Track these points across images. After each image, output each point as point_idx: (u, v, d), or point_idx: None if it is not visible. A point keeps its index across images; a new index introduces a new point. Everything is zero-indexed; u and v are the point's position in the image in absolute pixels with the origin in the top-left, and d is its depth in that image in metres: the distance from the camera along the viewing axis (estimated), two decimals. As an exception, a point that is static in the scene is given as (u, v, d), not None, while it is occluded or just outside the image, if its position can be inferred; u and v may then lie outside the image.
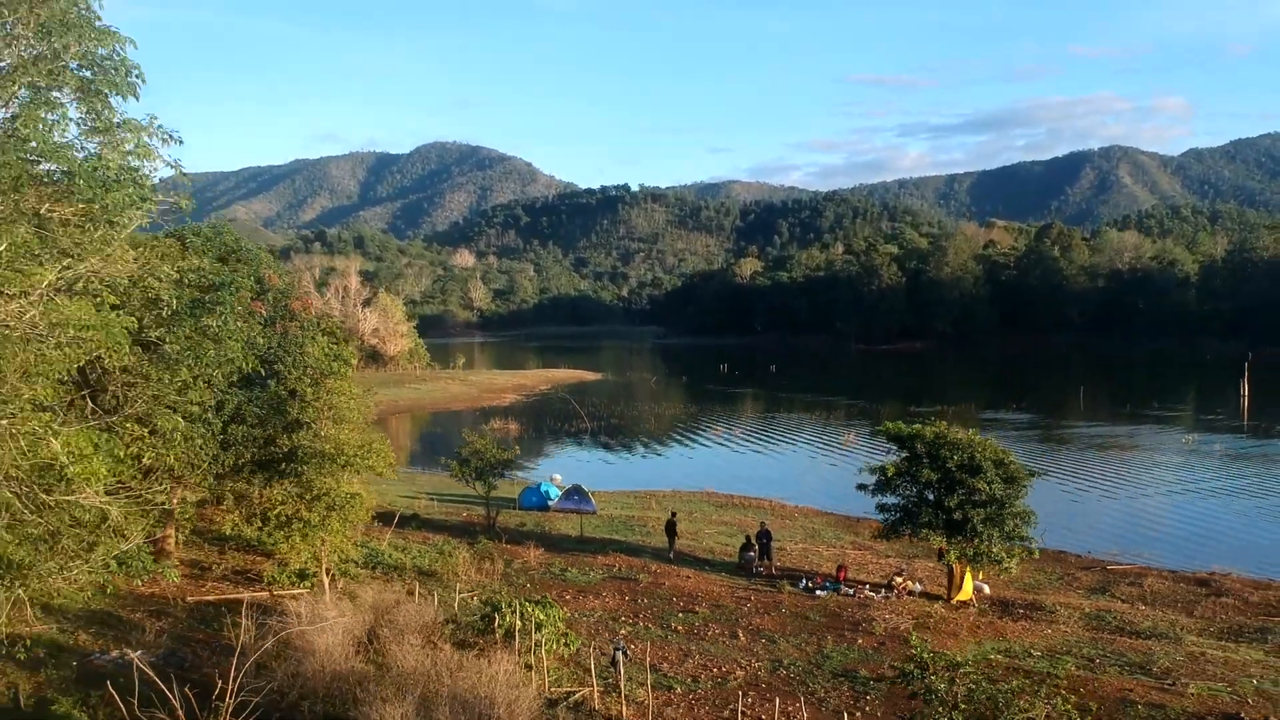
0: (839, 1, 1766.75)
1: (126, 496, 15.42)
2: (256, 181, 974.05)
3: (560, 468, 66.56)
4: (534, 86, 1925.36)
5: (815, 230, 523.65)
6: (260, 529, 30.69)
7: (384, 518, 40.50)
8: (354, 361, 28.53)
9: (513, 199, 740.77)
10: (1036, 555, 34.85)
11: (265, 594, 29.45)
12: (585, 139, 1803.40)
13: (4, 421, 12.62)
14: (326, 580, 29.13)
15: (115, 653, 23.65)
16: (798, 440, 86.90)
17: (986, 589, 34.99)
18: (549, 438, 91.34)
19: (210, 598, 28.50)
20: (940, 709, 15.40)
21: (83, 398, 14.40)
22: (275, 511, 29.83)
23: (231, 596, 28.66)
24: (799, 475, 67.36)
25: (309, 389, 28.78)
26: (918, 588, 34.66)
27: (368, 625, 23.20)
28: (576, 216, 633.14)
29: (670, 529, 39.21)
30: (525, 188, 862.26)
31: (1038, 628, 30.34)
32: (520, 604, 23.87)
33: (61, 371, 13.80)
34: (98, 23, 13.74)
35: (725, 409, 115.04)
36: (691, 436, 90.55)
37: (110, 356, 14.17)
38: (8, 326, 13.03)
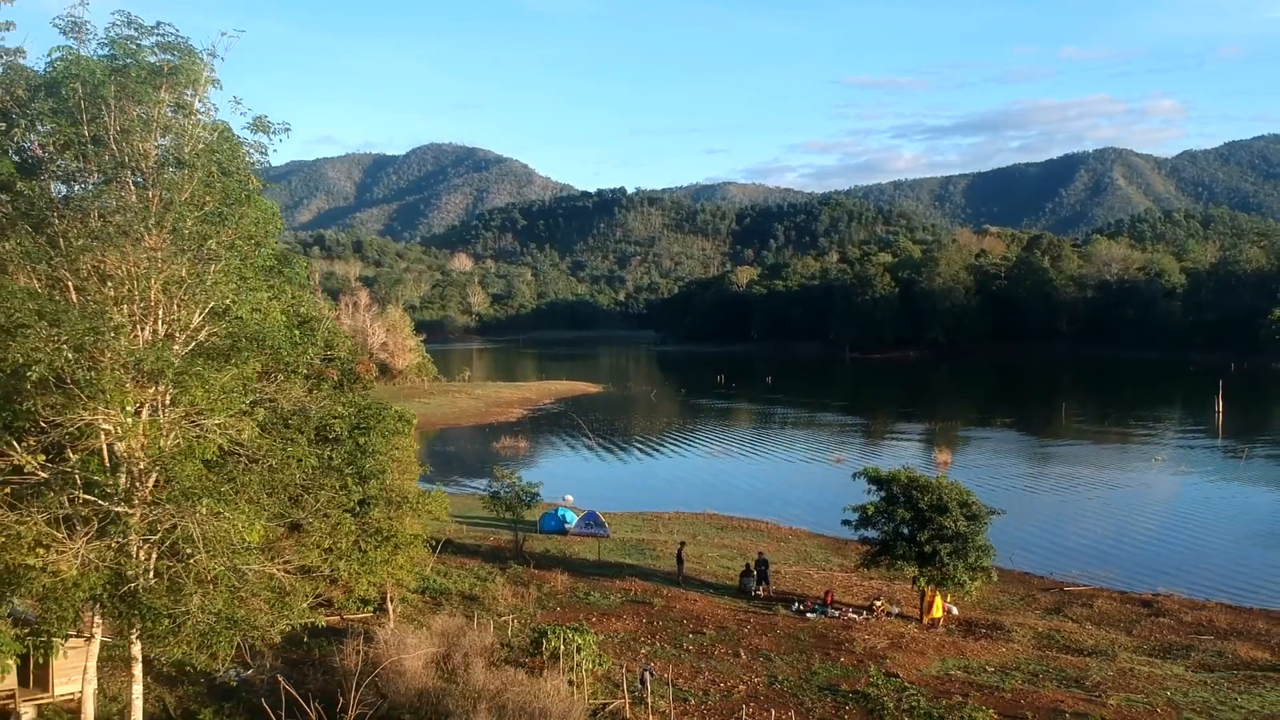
0: (834, 4, 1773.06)
1: (290, 564, 20.59)
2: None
3: (570, 487, 71.35)
4: (530, 88, 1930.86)
5: (811, 234, 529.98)
6: (324, 559, 35.64)
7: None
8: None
9: (509, 201, 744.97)
10: (995, 580, 40.08)
11: (337, 618, 34.59)
12: (581, 140, 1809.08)
13: (204, 511, 17.73)
14: (391, 607, 34.36)
15: (232, 671, 28.82)
16: (792, 458, 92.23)
17: (955, 610, 40.25)
18: (557, 455, 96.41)
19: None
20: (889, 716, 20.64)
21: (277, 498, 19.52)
22: (340, 545, 34.92)
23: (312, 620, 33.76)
24: (793, 495, 72.48)
25: (380, 445, 33.76)
26: (895, 610, 39.96)
27: (441, 649, 28.45)
28: (573, 219, 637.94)
29: (679, 557, 44.55)
30: (521, 189, 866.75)
31: (995, 646, 35.59)
32: (563, 630, 29.12)
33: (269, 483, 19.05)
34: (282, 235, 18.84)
35: (721, 424, 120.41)
36: (691, 452, 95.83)
37: (297, 472, 19.45)
38: (241, 456, 18.32)
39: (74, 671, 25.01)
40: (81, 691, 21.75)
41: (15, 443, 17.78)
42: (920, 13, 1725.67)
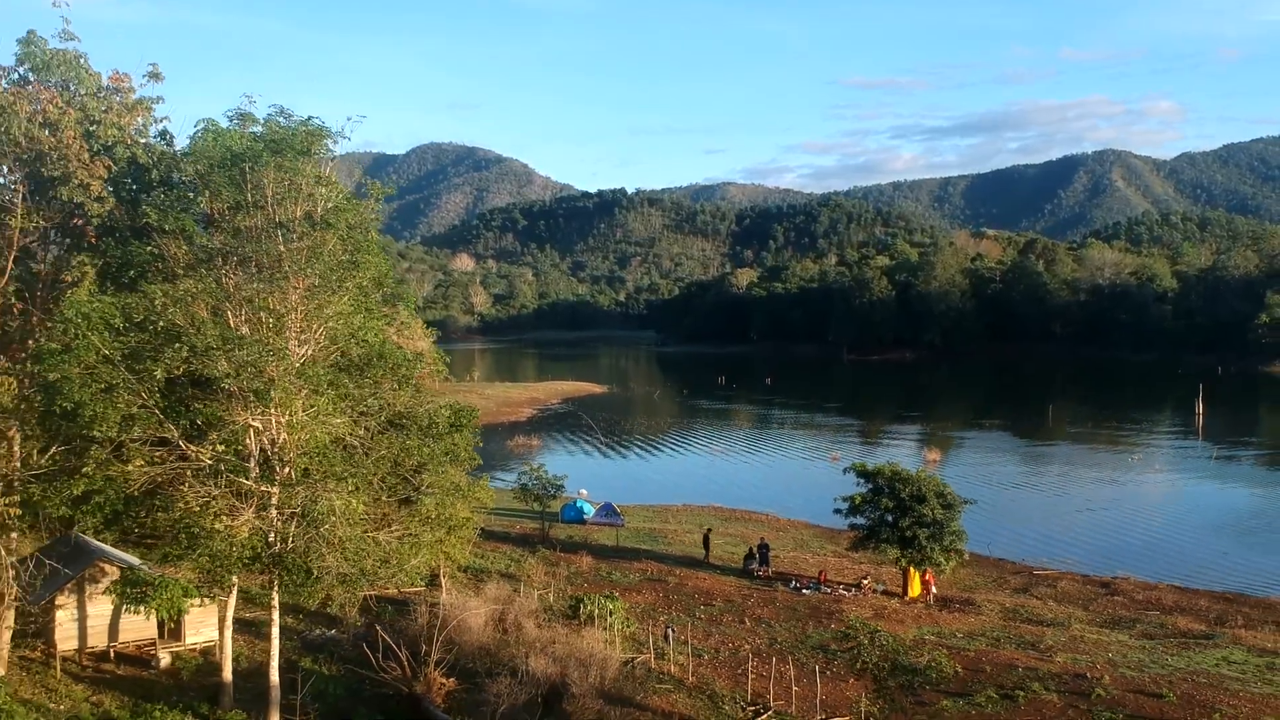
0: (832, 4, 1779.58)
1: (395, 532, 25.90)
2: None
3: (582, 482, 76.27)
4: (529, 87, 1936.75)
5: (810, 235, 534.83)
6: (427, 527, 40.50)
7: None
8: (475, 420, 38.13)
9: (510, 201, 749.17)
10: (967, 560, 45.56)
11: (394, 591, 39.97)
12: (581, 140, 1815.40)
13: (349, 489, 23.06)
14: (443, 581, 39.73)
15: (318, 631, 34.23)
16: (791, 456, 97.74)
17: (934, 589, 45.61)
18: (568, 453, 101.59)
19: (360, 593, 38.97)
20: (865, 653, 26.10)
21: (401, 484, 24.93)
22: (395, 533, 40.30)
23: (376, 593, 39.15)
24: (791, 490, 77.75)
25: (469, 439, 38.83)
26: (880, 587, 45.42)
27: (497, 611, 33.85)
28: (573, 220, 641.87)
29: (706, 541, 50.79)
30: (521, 189, 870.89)
31: (966, 618, 40.99)
32: (597, 597, 34.53)
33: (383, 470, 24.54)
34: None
35: (723, 424, 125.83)
36: (694, 451, 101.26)
37: (410, 460, 24.90)
38: (366, 448, 23.72)
39: (201, 625, 30.54)
40: (219, 637, 27.14)
41: (178, 434, 23.23)
42: (918, 13, 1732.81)
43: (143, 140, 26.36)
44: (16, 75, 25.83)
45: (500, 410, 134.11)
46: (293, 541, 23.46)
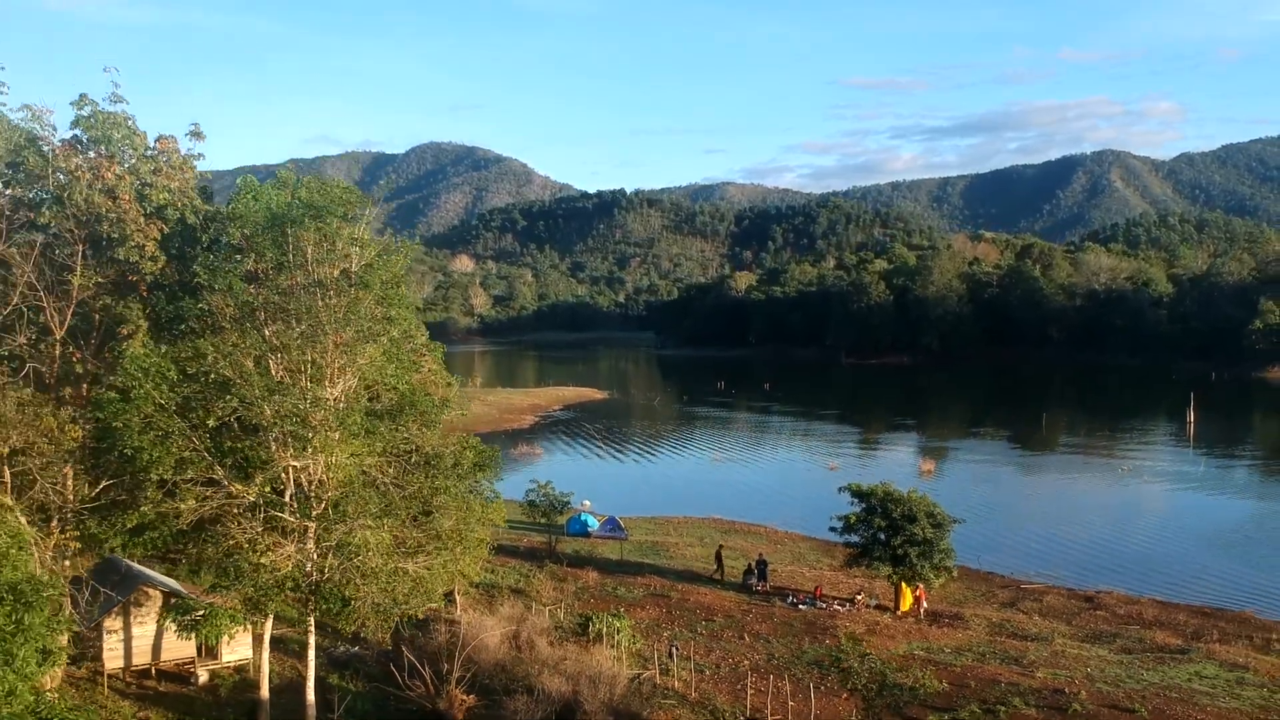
0: (832, 5, 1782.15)
1: (421, 563, 28.04)
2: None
3: (586, 492, 78.21)
4: (530, 88, 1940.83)
5: (809, 236, 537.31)
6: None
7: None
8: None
9: (509, 201, 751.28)
10: (956, 577, 47.72)
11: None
12: (581, 140, 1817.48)
13: (385, 525, 25.21)
14: (459, 599, 41.84)
15: (343, 648, 36.33)
16: (790, 464, 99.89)
17: (925, 603, 47.74)
18: (571, 461, 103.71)
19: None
20: (855, 676, 28.35)
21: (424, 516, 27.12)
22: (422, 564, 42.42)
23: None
24: (789, 500, 79.83)
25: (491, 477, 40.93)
26: (874, 602, 47.55)
27: (511, 629, 35.98)
28: (573, 220, 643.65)
29: (718, 558, 52.77)
30: (521, 189, 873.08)
31: (954, 632, 43.11)
32: (604, 615, 36.66)
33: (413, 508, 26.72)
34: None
35: (722, 431, 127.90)
36: (695, 459, 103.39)
37: (437, 499, 27.08)
38: (398, 487, 25.90)
39: (237, 644, 32.65)
40: (257, 657, 29.24)
41: (224, 474, 25.34)
42: (918, 14, 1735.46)
43: (187, 197, 28.51)
44: (71, 136, 27.97)
45: (503, 417, 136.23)
46: (329, 573, 25.58)
